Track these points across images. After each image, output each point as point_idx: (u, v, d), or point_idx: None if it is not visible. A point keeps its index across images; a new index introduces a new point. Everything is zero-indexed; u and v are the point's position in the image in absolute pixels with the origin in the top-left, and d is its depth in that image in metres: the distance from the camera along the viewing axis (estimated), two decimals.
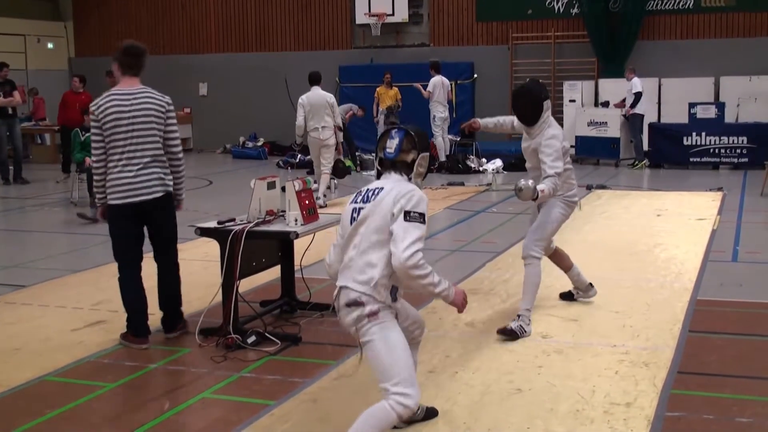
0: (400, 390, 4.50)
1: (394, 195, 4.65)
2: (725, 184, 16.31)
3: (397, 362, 4.55)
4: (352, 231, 4.74)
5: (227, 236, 6.91)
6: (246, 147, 24.90)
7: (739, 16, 21.72)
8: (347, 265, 4.73)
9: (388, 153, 4.88)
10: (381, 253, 4.62)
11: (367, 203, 4.73)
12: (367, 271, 4.63)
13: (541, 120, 7.20)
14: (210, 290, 7.72)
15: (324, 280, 9.02)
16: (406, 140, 4.89)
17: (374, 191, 4.76)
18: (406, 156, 4.87)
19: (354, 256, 4.70)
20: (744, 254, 10.35)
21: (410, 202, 4.60)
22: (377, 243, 4.63)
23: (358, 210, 4.75)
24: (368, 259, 4.64)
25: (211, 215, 12.06)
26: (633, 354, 6.61)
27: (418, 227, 4.57)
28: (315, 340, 7.14)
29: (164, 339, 7.26)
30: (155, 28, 27.06)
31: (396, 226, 4.57)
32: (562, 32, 22.93)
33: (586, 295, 8.18)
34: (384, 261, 4.61)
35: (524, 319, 7.23)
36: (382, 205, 4.66)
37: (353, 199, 4.86)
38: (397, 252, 4.51)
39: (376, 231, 4.64)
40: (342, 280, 4.74)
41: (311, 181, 7.49)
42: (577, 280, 8.13)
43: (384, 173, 4.91)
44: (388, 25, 24.30)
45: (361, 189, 4.89)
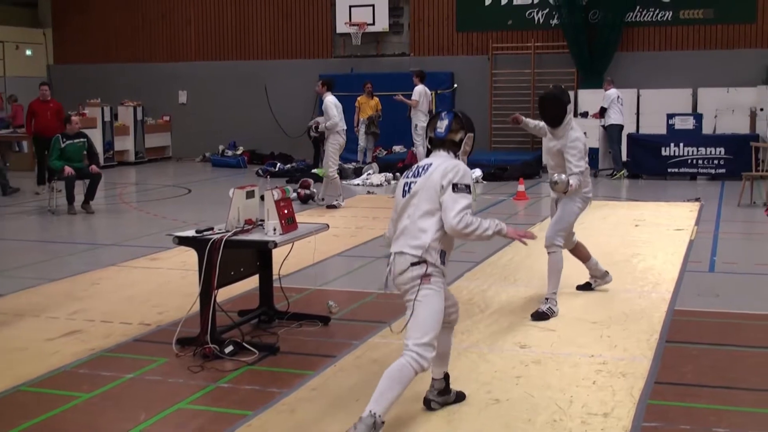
0: (420, 350, 5.05)
1: (442, 170, 5.24)
2: (703, 194, 16.40)
3: (429, 325, 5.12)
4: (406, 203, 5.32)
5: (205, 245, 6.88)
6: (225, 155, 24.84)
7: (717, 28, 21.88)
8: (402, 232, 5.29)
9: (438, 132, 5.48)
10: (432, 220, 5.21)
11: (418, 177, 5.32)
12: (419, 236, 5.20)
13: (564, 122, 8.02)
14: (188, 299, 7.68)
15: (303, 290, 9.04)
16: (455, 121, 5.49)
17: (424, 167, 5.37)
18: (455, 135, 5.47)
19: (408, 225, 5.27)
20: (721, 264, 10.40)
21: (457, 176, 5.20)
22: (428, 212, 5.22)
23: (410, 184, 5.35)
24: (421, 226, 5.21)
25: (189, 224, 12.05)
26: (611, 364, 6.62)
27: (465, 196, 5.17)
28: (293, 350, 7.11)
29: (142, 349, 7.21)
30: (135, 35, 26.99)
31: (446, 197, 5.16)
32: (542, 43, 23.02)
33: (603, 281, 8.98)
34: (434, 227, 5.20)
35: (552, 301, 8.04)
36: (431, 179, 5.25)
37: (405, 174, 5.47)
38: (448, 219, 5.13)
39: (428, 201, 5.23)
40: (397, 246, 5.30)
41: (290, 190, 7.47)
42: (595, 269, 8.93)
43: (434, 151, 5.49)
44: (369, 35, 24.34)
45: (412, 166, 5.51)
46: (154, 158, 25.79)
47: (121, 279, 9.94)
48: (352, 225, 13.54)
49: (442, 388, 5.74)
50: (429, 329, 5.11)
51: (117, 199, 17.45)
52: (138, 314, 8.27)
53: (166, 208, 15.97)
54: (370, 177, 19.55)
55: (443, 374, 5.71)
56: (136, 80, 26.35)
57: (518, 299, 8.64)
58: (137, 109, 25.25)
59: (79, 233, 13.84)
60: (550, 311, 7.94)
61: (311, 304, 8.50)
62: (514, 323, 7.76)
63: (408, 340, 5.11)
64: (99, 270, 10.38)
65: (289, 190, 7.39)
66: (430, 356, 5.10)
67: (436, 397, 5.73)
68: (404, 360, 5.04)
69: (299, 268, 9.86)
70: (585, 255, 8.84)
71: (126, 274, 10.22)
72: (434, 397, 5.73)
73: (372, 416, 4.87)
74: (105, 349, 7.22)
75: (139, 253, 11.33)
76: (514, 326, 7.67)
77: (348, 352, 7.02)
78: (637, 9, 22.31)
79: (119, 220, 15.01)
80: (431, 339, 5.11)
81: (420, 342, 5.07)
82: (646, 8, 22.29)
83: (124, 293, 9.20)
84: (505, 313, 8.17)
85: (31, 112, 18.20)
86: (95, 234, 13.75)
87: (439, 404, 5.73)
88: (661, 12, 22.21)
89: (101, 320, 8.08)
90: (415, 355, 5.04)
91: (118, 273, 10.25)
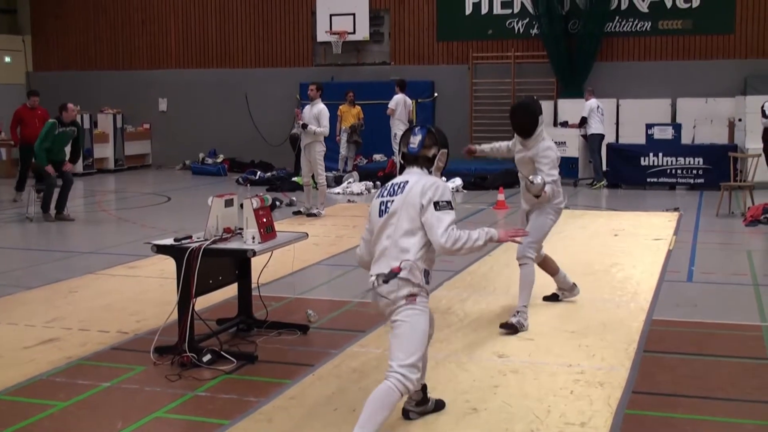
0: (405, 372, 4.94)
1: (420, 187, 5.17)
2: (681, 204, 16.46)
3: (414, 347, 5.02)
4: (384, 223, 5.22)
5: (184, 254, 6.86)
6: (205, 163, 24.79)
7: (696, 39, 22.03)
8: (382, 254, 5.20)
9: (411, 148, 5.39)
10: (413, 240, 5.13)
11: (395, 196, 5.23)
12: (401, 256, 5.11)
13: (536, 132, 7.94)
14: (166, 308, 7.66)
15: (281, 299, 9.02)
16: (428, 137, 5.40)
17: (400, 185, 5.27)
18: (428, 151, 5.38)
19: (389, 245, 5.17)
20: (699, 275, 10.44)
21: (437, 193, 5.13)
22: (409, 231, 5.13)
23: (386, 203, 5.25)
24: (402, 246, 5.12)
25: (168, 232, 12.02)
26: (588, 374, 6.63)
27: (448, 213, 5.11)
28: (271, 359, 7.10)
29: (119, 357, 7.18)
30: (115, 42, 26.92)
31: (429, 217, 5.09)
32: (522, 52, 23.10)
33: (571, 294, 8.92)
34: (416, 247, 5.12)
35: (522, 314, 7.88)
36: (410, 198, 5.16)
37: (379, 193, 5.37)
38: (436, 239, 5.06)
39: (408, 221, 5.14)
40: (378, 269, 5.19)
41: (269, 198, 7.46)
42: (563, 282, 8.87)
43: (407, 167, 5.40)
44: (349, 44, 24.36)
45: (386, 184, 5.39)
46: (133, 166, 25.71)
47: (99, 287, 9.89)
48: (332, 234, 13.54)
49: (419, 399, 5.71)
50: (414, 350, 5.01)
51: (96, 207, 17.37)
52: (116, 322, 8.23)
53: (145, 216, 15.92)
54: (350, 186, 19.55)
55: (421, 385, 5.61)
56: (116, 88, 26.28)
57: (497, 309, 8.64)
58: (117, 116, 25.18)
59: (56, 241, 13.77)
60: (520, 325, 7.78)
61: (290, 312, 8.48)
62: (492, 332, 7.77)
63: (392, 362, 4.98)
64: (77, 278, 10.33)
65: (267, 199, 7.39)
66: (415, 377, 4.99)
67: (414, 407, 5.71)
68: (389, 383, 4.93)
69: (278, 276, 9.84)
70: (553, 268, 8.76)
71: (104, 282, 10.17)
72: (412, 408, 5.71)
73: None
74: (82, 357, 7.19)
75: (118, 261, 11.28)
76: (492, 335, 7.68)
77: (326, 361, 7.01)
78: (617, 19, 22.43)
79: (98, 227, 14.95)
80: (416, 360, 5.00)
81: (405, 363, 4.96)
82: (626, 18, 22.41)
83: (102, 301, 9.16)
84: (484, 322, 8.18)
85: (18, 120, 17.88)
86: (73, 242, 13.68)
87: (418, 414, 5.71)
88: (640, 22, 22.34)
89: (78, 328, 8.04)
90: (400, 377, 4.94)
91: (96, 281, 10.20)
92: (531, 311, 8.22)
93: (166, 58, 26.57)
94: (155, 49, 26.66)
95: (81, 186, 19.79)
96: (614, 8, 22.33)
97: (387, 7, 24.35)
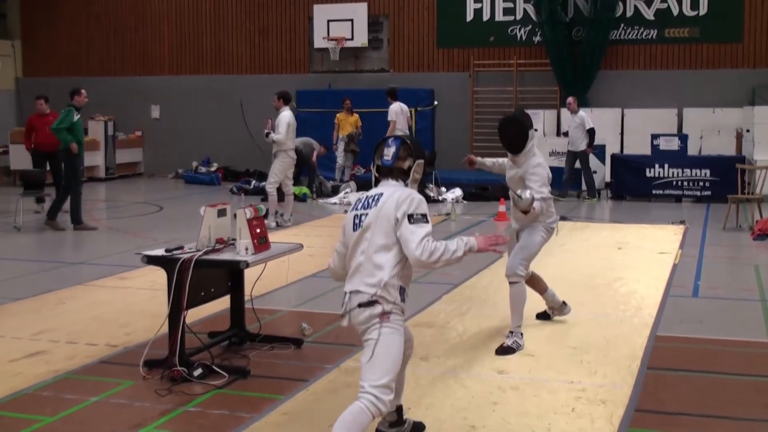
0: (377, 393, 4.86)
1: (395, 200, 5.08)
2: (687, 217, 16.47)
3: (388, 367, 4.94)
4: (358, 237, 5.15)
5: (175, 265, 6.87)
6: (199, 172, 24.78)
7: (703, 48, 22.07)
8: (357, 270, 5.13)
9: (385, 160, 5.32)
10: (388, 255, 5.05)
11: (369, 209, 5.15)
12: (375, 273, 5.04)
13: (526, 149, 7.84)
14: (156, 320, 7.66)
15: (275, 311, 9.02)
16: (403, 148, 5.32)
17: (374, 197, 5.19)
18: (403, 163, 5.31)
19: (363, 261, 5.10)
20: (705, 290, 10.44)
21: (411, 206, 5.05)
22: (383, 247, 5.05)
23: (360, 216, 5.17)
24: (376, 262, 5.05)
25: (159, 242, 12.02)
26: (590, 391, 6.63)
27: (422, 226, 5.00)
28: (264, 373, 7.10)
29: (108, 371, 7.17)
30: (106, 48, 26.95)
31: (403, 230, 5.00)
32: (525, 60, 23.14)
33: (561, 313, 8.78)
34: (391, 263, 5.05)
35: (516, 334, 7.81)
36: (384, 211, 5.08)
37: (353, 206, 5.28)
38: (411, 252, 4.97)
39: (382, 235, 5.06)
40: (352, 285, 5.14)
41: (263, 209, 7.46)
42: (552, 301, 8.73)
43: (382, 180, 5.33)
44: (347, 50, 24.40)
45: (360, 197, 5.31)
46: (125, 174, 25.70)
47: (88, 298, 9.89)
48: (328, 245, 13.51)
49: (393, 420, 5.65)
50: (387, 371, 4.92)
51: (86, 216, 17.33)
52: (104, 335, 8.23)
53: (136, 225, 15.92)
54: (347, 196, 19.55)
55: (395, 407, 5.58)
56: (107, 94, 26.24)
57: (497, 323, 8.63)
58: (108, 123, 25.17)
59: (45, 251, 13.76)
60: (516, 345, 7.72)
61: (284, 326, 8.49)
62: (492, 348, 7.76)
63: (364, 382, 4.90)
64: (65, 289, 10.33)
65: (261, 209, 7.39)
66: (387, 399, 4.89)
67: (387, 428, 5.67)
68: (361, 404, 4.85)
69: (272, 289, 9.84)
70: (542, 287, 8.62)
71: (93, 293, 10.17)
72: (386, 429, 5.67)
73: None
74: (69, 371, 7.18)
75: (108, 272, 11.29)
76: (491, 351, 7.67)
77: (321, 376, 7.01)
78: (622, 27, 22.46)
79: (88, 237, 14.93)
80: (389, 381, 4.91)
81: (377, 384, 4.87)
82: (631, 26, 22.44)
83: (91, 313, 9.16)
84: (483, 337, 8.18)
85: (30, 127, 17.89)
86: (62, 252, 13.68)
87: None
88: (646, 30, 22.38)
89: (66, 341, 8.04)
90: (372, 398, 4.85)
91: (85, 292, 10.20)
92: (532, 326, 8.25)
93: (159, 64, 26.59)
94: (148, 54, 26.68)
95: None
96: (619, 15, 22.36)
97: (386, 12, 24.40)
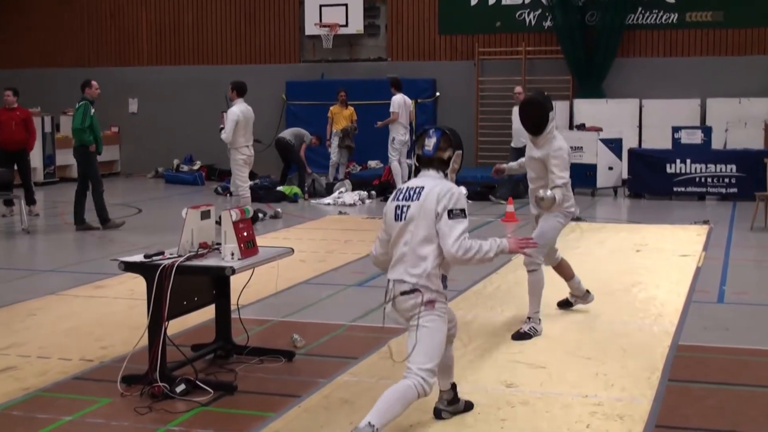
0: (425, 375, 5.60)
1: (435, 195, 5.75)
2: (712, 216, 16.47)
3: (432, 353, 5.68)
4: (402, 229, 5.83)
5: (155, 272, 6.86)
6: (180, 171, 24.79)
7: (728, 33, 22.08)
8: (400, 260, 5.83)
9: (426, 151, 5.98)
10: (430, 247, 5.73)
11: (410, 201, 5.82)
12: (419, 264, 5.74)
13: (546, 130, 8.41)
14: (135, 332, 7.66)
15: (264, 321, 9.03)
16: (443, 139, 5.99)
17: (416, 190, 5.86)
18: (443, 153, 5.97)
19: (406, 252, 5.79)
20: (731, 295, 10.45)
21: (451, 201, 5.73)
22: (426, 239, 5.74)
23: (402, 208, 5.85)
24: (420, 254, 5.74)
25: (138, 248, 11.97)
26: (606, 405, 6.63)
27: (460, 222, 5.70)
28: (252, 389, 7.10)
29: (83, 388, 7.18)
30: (80, 37, 26.96)
31: (442, 225, 5.69)
32: (534, 47, 23.17)
33: (584, 301, 9.42)
34: (434, 254, 5.73)
35: (534, 320, 8.51)
36: (426, 206, 5.76)
37: (394, 196, 5.98)
38: (447, 247, 5.66)
39: (425, 228, 5.74)
40: (396, 274, 5.84)
41: (250, 210, 7.47)
42: (577, 289, 9.36)
43: (422, 170, 6.01)
44: (341, 37, 24.41)
45: (401, 187, 6.01)
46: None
47: (60, 309, 9.89)
48: (321, 249, 13.55)
49: (450, 398, 6.33)
50: (433, 356, 5.67)
51: (59, 220, 17.36)
52: (79, 349, 8.22)
53: (113, 230, 15.91)
54: (342, 195, 19.55)
55: (450, 385, 6.31)
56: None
57: (505, 332, 8.64)
58: None
59: (14, 258, 13.77)
60: (533, 331, 8.41)
61: (274, 337, 8.49)
62: (499, 359, 7.78)
63: (412, 365, 5.62)
64: (36, 299, 10.32)
65: (248, 211, 7.39)
66: (432, 381, 5.65)
67: (446, 407, 6.32)
68: (410, 382, 5.56)
69: (260, 297, 9.85)
70: (568, 273, 9.26)
71: (66, 303, 10.17)
72: (444, 407, 6.32)
73: (371, 427, 5.31)
74: (41, 388, 7.17)
75: (82, 280, 11.28)
76: (499, 362, 7.69)
77: (314, 391, 7.01)
78: (639, 11, 22.50)
79: (60, 242, 14.95)
80: (434, 366, 5.66)
81: (424, 368, 5.59)
82: (649, 10, 22.47)
83: (64, 325, 9.16)
84: (490, 347, 8.19)
85: None
86: (33, 259, 13.69)
87: (450, 413, 6.32)
88: (665, 14, 22.39)
89: (37, 356, 8.04)
90: (420, 379, 5.56)
91: (57, 302, 10.20)
92: (543, 336, 8.27)
93: (137, 54, 26.60)
94: (125, 44, 26.69)
95: (42, 197, 19.79)
96: None
97: None
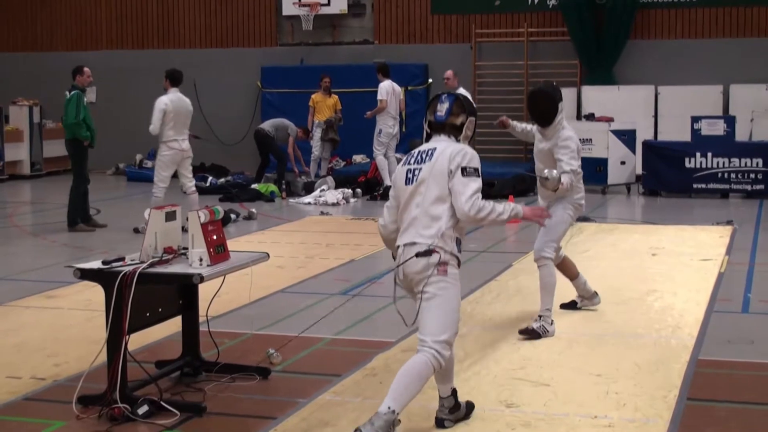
0: (439, 348, 5.94)
1: (448, 154, 6.14)
2: (735, 216, 16.51)
3: (448, 322, 6.04)
4: (413, 191, 6.20)
5: (114, 280, 6.84)
6: (144, 167, 24.74)
7: (754, 12, 22.14)
8: (411, 223, 6.18)
9: (438, 116, 6.40)
10: (443, 207, 6.11)
11: (422, 164, 6.21)
12: (432, 224, 6.10)
13: (555, 121, 8.90)
14: (92, 347, 7.65)
15: (237, 335, 9.00)
16: (456, 104, 6.40)
17: (427, 152, 6.26)
18: (456, 119, 6.38)
19: (418, 214, 6.16)
20: (757, 304, 10.47)
21: (465, 159, 6.12)
22: (439, 198, 6.11)
23: (413, 171, 6.23)
24: (433, 214, 6.11)
25: (96, 253, 12.01)
26: (618, 427, 6.64)
27: (474, 180, 6.09)
28: (223, 410, 7.09)
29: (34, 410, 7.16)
30: (32, 18, 26.91)
31: (455, 183, 6.06)
32: (537, 28, 23.20)
33: (591, 302, 9.85)
34: (447, 214, 6.10)
35: (545, 319, 8.86)
36: (438, 165, 6.14)
37: (405, 160, 6.37)
38: (460, 205, 6.03)
39: (437, 188, 6.12)
40: (407, 238, 6.18)
41: (220, 210, 7.45)
42: (583, 289, 9.80)
43: (434, 135, 6.42)
44: (323, 18, 24.42)
45: (412, 151, 6.37)
46: (54, 171, 25.58)
47: (8, 322, 9.86)
48: (301, 254, 13.54)
49: (452, 405, 6.51)
50: (448, 326, 6.04)
51: (8, 222, 17.34)
52: (29, 366, 8.20)
53: (68, 233, 15.88)
54: (323, 194, 19.51)
55: (451, 391, 6.49)
56: (32, 74, 26.21)
57: (506, 345, 8.65)
58: (34, 109, 25.09)
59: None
60: (543, 330, 8.77)
61: (247, 352, 8.47)
62: (499, 376, 7.77)
63: (425, 337, 5.98)
64: None
65: (218, 211, 7.38)
66: (447, 355, 6.01)
67: (447, 415, 6.51)
68: (424, 356, 5.91)
69: (232, 308, 9.84)
70: (573, 272, 9.70)
71: (15, 315, 10.15)
72: (446, 416, 6.50)
73: (391, 412, 5.69)
74: None
75: (33, 289, 11.24)
76: (499, 379, 7.68)
77: (292, 413, 6.99)
78: None
79: (9, 247, 14.93)
80: (449, 336, 6.04)
81: (439, 339, 5.96)
82: None
83: (13, 340, 9.13)
84: (489, 362, 8.18)
85: None
86: None
87: (452, 422, 6.52)
88: None
89: None
90: (435, 352, 5.93)
91: (5, 314, 10.18)
92: (546, 348, 8.26)
93: (96, 37, 26.57)
94: (82, 25, 26.66)
95: None
96: None
97: None
